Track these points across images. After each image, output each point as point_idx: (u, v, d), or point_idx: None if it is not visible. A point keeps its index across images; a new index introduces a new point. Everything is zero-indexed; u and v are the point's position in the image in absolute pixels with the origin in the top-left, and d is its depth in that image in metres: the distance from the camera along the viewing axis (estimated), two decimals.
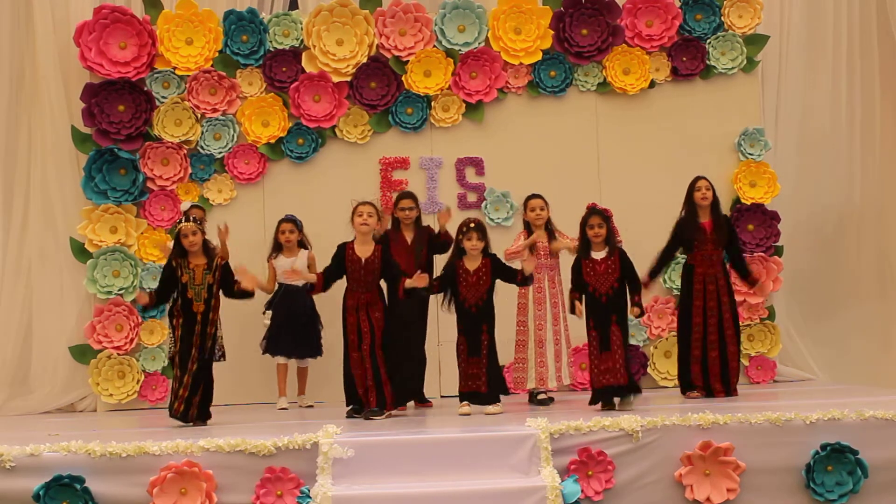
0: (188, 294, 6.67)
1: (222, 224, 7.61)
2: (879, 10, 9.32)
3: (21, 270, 8.56)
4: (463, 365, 6.81)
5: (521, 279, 6.86)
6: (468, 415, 6.69)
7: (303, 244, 7.95)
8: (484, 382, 6.75)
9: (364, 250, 6.81)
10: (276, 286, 7.93)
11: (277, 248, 7.96)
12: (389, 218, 7.72)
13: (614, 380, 6.67)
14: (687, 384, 7.47)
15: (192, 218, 6.97)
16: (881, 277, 9.33)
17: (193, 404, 6.63)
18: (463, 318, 6.84)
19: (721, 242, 7.43)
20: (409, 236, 7.56)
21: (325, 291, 7.03)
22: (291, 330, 7.82)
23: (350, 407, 6.83)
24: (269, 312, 7.87)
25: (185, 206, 8.25)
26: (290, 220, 7.97)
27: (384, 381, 6.77)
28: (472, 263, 6.80)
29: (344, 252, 6.84)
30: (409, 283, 6.74)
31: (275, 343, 7.89)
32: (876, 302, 9.28)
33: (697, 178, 7.49)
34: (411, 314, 7.29)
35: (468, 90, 8.73)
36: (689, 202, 7.47)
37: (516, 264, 6.98)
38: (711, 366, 7.33)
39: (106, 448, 5.28)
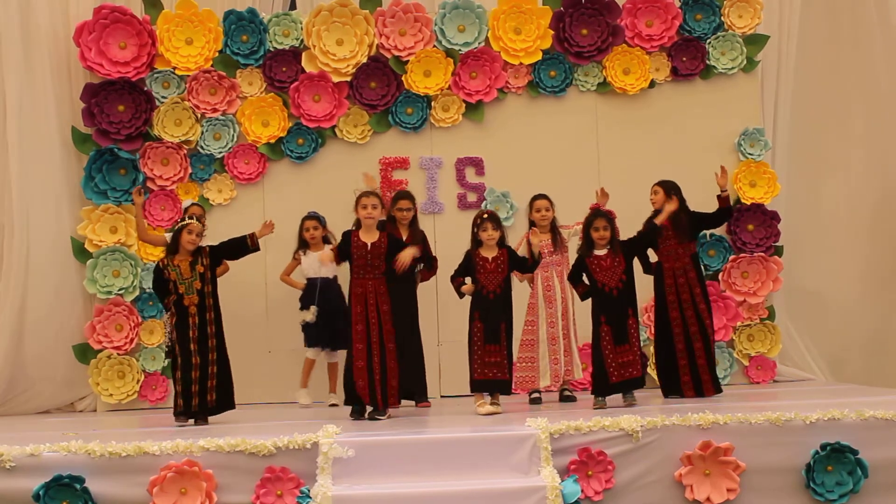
0: (179, 290, 6.73)
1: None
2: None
3: (21, 270, 8.55)
4: (479, 353, 6.74)
5: (531, 263, 6.96)
6: (491, 414, 6.61)
7: (327, 239, 8.01)
8: (506, 370, 6.75)
9: (369, 236, 6.85)
10: (305, 282, 8.04)
11: (303, 244, 8.05)
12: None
13: (636, 372, 6.81)
14: (672, 384, 7.45)
15: (196, 217, 7.33)
16: (881, 277, 9.32)
17: (209, 389, 6.70)
18: (481, 304, 6.82)
19: (684, 237, 7.51)
20: (404, 234, 7.59)
21: (340, 264, 7.10)
22: (327, 323, 7.88)
23: (352, 408, 6.79)
24: (314, 308, 7.89)
25: (185, 203, 8.27)
26: (314, 216, 8.06)
27: (391, 378, 6.75)
28: (489, 252, 6.84)
29: (349, 238, 6.87)
30: (403, 255, 6.85)
31: (311, 336, 7.96)
32: (876, 301, 9.28)
33: (653, 185, 7.61)
34: (402, 312, 7.31)
35: (468, 90, 8.74)
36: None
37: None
38: (698, 357, 7.36)
39: (106, 448, 5.28)
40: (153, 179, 8.57)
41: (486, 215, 6.88)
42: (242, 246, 7.06)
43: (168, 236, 7.64)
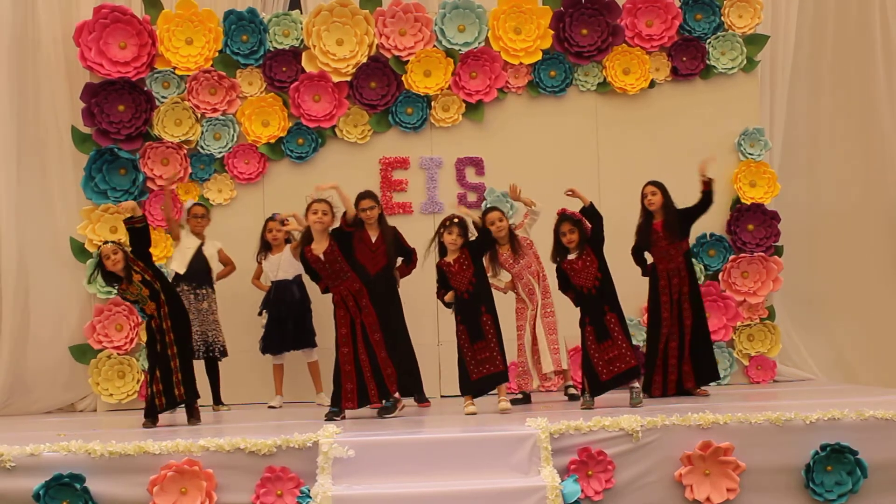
0: (141, 304, 6.78)
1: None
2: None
3: (21, 270, 8.55)
4: (469, 353, 6.79)
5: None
6: (475, 413, 6.67)
7: (289, 240, 7.99)
8: (500, 361, 6.78)
9: (320, 246, 6.78)
10: (269, 285, 8.06)
11: (266, 246, 8.06)
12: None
13: (626, 364, 6.77)
14: (645, 382, 7.46)
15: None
16: (881, 277, 9.33)
17: (175, 384, 6.71)
18: (459, 307, 6.89)
19: (675, 237, 7.48)
20: (373, 235, 7.55)
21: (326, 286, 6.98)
22: (283, 326, 7.89)
23: (329, 410, 6.74)
24: (264, 312, 7.95)
25: (187, 204, 8.25)
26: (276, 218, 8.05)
27: (384, 369, 6.72)
28: (451, 256, 6.91)
29: (304, 256, 6.86)
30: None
31: (269, 342, 7.98)
32: (876, 301, 9.28)
33: (645, 185, 7.54)
34: (385, 311, 7.30)
35: (468, 90, 8.74)
36: (643, 207, 7.55)
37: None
38: (670, 357, 7.37)
39: (106, 448, 5.28)
40: (153, 179, 8.56)
41: (456, 220, 6.90)
42: (136, 231, 6.79)
43: (180, 231, 8.01)
